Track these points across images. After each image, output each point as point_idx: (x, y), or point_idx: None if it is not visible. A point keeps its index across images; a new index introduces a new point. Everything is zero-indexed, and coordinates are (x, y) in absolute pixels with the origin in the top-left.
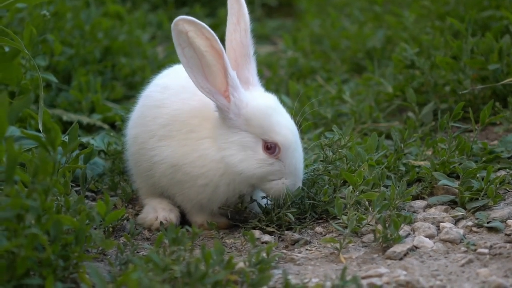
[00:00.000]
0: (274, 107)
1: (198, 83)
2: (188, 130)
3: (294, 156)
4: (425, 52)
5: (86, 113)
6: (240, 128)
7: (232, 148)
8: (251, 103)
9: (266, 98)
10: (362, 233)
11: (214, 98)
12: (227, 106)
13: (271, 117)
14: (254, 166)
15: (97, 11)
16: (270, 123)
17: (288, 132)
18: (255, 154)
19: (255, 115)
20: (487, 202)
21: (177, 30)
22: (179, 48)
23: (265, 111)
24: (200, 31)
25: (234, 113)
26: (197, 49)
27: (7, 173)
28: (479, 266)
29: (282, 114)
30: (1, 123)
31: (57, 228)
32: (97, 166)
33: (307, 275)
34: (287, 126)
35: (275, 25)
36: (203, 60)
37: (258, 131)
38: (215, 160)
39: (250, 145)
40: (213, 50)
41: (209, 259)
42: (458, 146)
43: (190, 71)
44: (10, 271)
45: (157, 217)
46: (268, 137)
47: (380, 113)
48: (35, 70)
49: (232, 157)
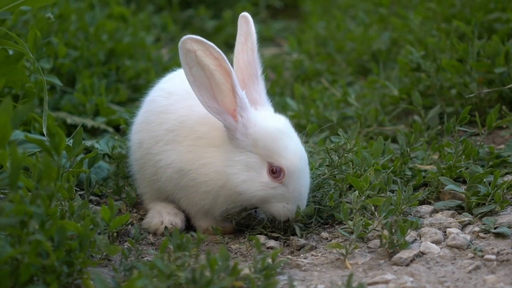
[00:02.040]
0: (284, 130)
1: (205, 102)
2: (196, 136)
3: (299, 182)
4: (431, 55)
5: (90, 116)
6: (246, 149)
7: (236, 167)
8: (260, 124)
9: (276, 120)
10: (368, 238)
11: (221, 117)
12: (234, 126)
13: (279, 140)
14: (256, 188)
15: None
16: (277, 147)
17: (295, 158)
18: (259, 176)
19: (263, 136)
20: (494, 207)
21: (185, 49)
22: (187, 67)
23: (273, 133)
24: (208, 51)
25: (242, 133)
26: (205, 68)
27: (11, 179)
28: (486, 273)
29: (292, 138)
30: (4, 128)
31: (61, 234)
32: (102, 170)
33: (313, 281)
34: (295, 151)
35: (280, 27)
36: (211, 79)
37: (264, 153)
38: (217, 171)
39: (254, 166)
40: (222, 69)
41: (214, 265)
42: (464, 150)
43: (197, 90)
44: (13, 277)
45: (162, 222)
46: (274, 160)
47: (385, 116)
48: (39, 73)
49: (234, 176)
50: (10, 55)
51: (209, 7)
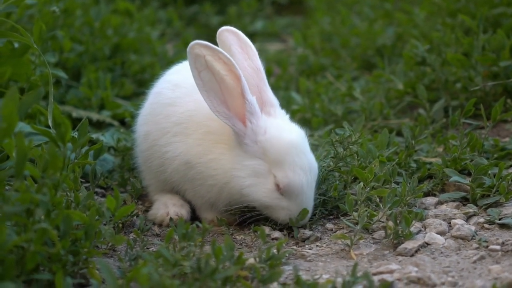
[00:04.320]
0: (295, 143)
1: (214, 107)
2: (205, 131)
3: (298, 199)
4: (436, 49)
5: (95, 110)
6: (255, 155)
7: (244, 171)
8: (272, 132)
9: (289, 131)
10: (373, 229)
11: (230, 122)
12: (243, 131)
13: (287, 155)
14: (261, 195)
15: (107, 8)
16: (284, 161)
17: (297, 176)
18: (265, 183)
19: (273, 147)
20: (498, 198)
21: (194, 54)
22: (195, 71)
23: (283, 146)
24: (217, 56)
25: (250, 139)
26: (216, 73)
27: (17, 168)
28: (491, 263)
29: (302, 152)
30: (11, 117)
31: (67, 223)
32: (107, 163)
33: (318, 271)
34: (301, 168)
35: (285, 22)
36: (222, 84)
37: (271, 163)
38: (224, 168)
39: (262, 173)
40: (232, 74)
41: (219, 254)
42: (469, 142)
43: (206, 95)
44: (19, 266)
45: (168, 213)
46: (277, 175)
47: (390, 110)
48: (44, 66)
49: (241, 180)
50: (16, 48)
51: (214, 3)
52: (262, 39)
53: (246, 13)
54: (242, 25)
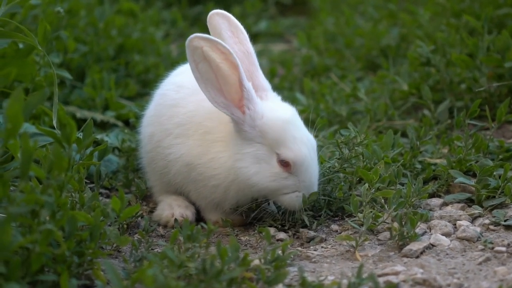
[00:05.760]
0: (291, 120)
1: (212, 97)
2: (204, 131)
3: (307, 171)
4: (440, 49)
5: (100, 110)
6: (254, 140)
7: (246, 160)
8: (268, 115)
9: (283, 110)
10: (378, 231)
11: (228, 111)
12: (242, 118)
13: (286, 132)
14: (268, 180)
15: (111, 9)
16: (284, 138)
17: (301, 149)
18: (270, 167)
19: (271, 128)
20: (504, 200)
21: (192, 46)
22: (193, 64)
23: (280, 125)
24: (215, 46)
25: (249, 125)
26: (212, 61)
27: (22, 169)
28: (496, 264)
29: (299, 128)
30: (16, 118)
31: (72, 224)
32: (111, 163)
33: (323, 272)
34: (302, 141)
35: (289, 23)
36: (218, 72)
37: (272, 144)
38: (225, 166)
39: (264, 158)
40: (228, 63)
41: (225, 256)
42: (474, 144)
43: (203, 86)
44: (24, 267)
45: (173, 214)
46: (281, 152)
47: (395, 111)
48: (49, 66)
49: (245, 170)
50: (20, 49)
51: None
52: (266, 40)
53: (250, 13)
54: (246, 26)
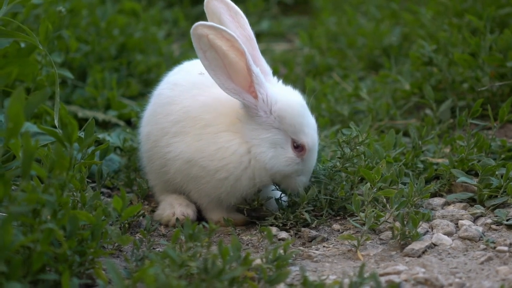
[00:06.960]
0: (304, 105)
1: (223, 84)
2: (202, 125)
3: (313, 157)
4: (442, 49)
5: (101, 110)
6: (272, 125)
7: (264, 145)
8: (282, 100)
9: (295, 95)
10: (380, 230)
11: (240, 97)
12: (254, 103)
13: (303, 117)
14: (284, 164)
15: (113, 8)
16: (301, 124)
17: (314, 134)
18: (285, 152)
19: (289, 113)
20: (506, 199)
21: (197, 35)
22: (201, 52)
23: (298, 110)
24: (220, 34)
25: (264, 110)
26: (219, 49)
27: (23, 168)
28: (498, 264)
29: (309, 113)
30: (17, 117)
31: (73, 224)
32: (113, 163)
33: (325, 272)
34: (314, 128)
35: (291, 22)
36: (225, 59)
37: (289, 129)
38: (237, 153)
39: (280, 143)
40: (235, 50)
41: (226, 255)
42: (476, 143)
43: (213, 73)
44: (26, 266)
45: (174, 213)
46: (298, 138)
47: (397, 111)
48: (51, 66)
49: (263, 154)
50: (22, 48)
51: None
52: (268, 39)
53: (252, 13)
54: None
